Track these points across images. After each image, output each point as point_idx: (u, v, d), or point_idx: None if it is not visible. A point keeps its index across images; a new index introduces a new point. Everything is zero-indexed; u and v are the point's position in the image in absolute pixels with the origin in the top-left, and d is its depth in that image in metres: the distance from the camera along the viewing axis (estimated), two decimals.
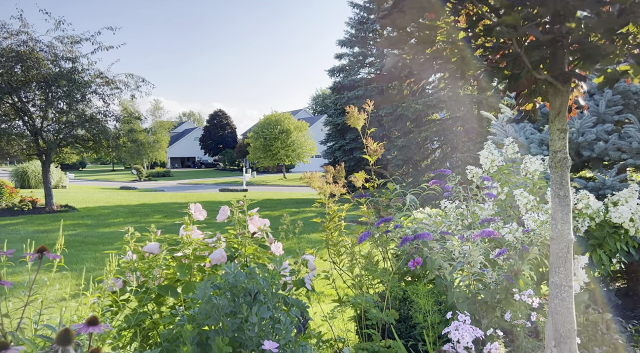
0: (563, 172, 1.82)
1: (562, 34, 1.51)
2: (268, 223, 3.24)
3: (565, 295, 1.83)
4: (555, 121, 1.81)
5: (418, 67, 1.65)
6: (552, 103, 1.80)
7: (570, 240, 1.83)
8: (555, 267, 1.85)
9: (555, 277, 1.86)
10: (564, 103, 1.78)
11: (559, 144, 1.81)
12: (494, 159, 3.92)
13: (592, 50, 1.54)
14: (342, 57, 20.74)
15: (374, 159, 3.61)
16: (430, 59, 1.69)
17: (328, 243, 3.77)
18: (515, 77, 1.68)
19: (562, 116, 1.80)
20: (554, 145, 1.82)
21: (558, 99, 1.79)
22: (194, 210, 3.14)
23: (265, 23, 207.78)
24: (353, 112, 3.73)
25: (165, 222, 12.84)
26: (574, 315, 1.85)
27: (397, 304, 3.21)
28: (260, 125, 38.79)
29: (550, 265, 1.90)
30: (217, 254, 2.89)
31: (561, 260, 1.83)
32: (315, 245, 8.30)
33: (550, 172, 1.85)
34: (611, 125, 4.04)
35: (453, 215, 3.33)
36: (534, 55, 1.61)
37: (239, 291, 2.34)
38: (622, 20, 1.24)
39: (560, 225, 1.83)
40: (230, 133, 66.49)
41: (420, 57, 1.67)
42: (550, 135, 1.84)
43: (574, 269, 3.14)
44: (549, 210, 3.34)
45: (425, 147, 15.30)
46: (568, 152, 1.84)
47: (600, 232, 3.27)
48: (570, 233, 1.83)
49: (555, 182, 1.83)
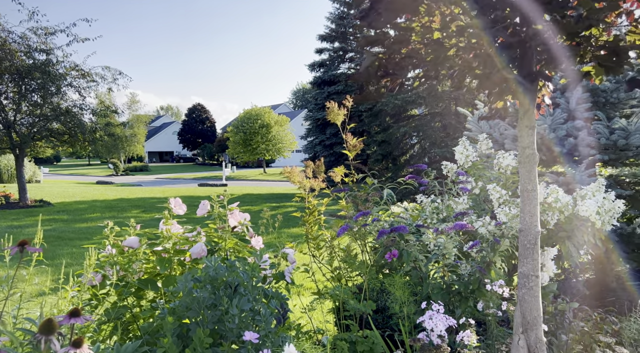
0: (531, 167, 1.90)
1: (529, 36, 1.59)
2: (248, 218, 3.28)
3: (532, 284, 1.92)
4: (524, 118, 1.89)
5: (394, 66, 1.71)
6: (521, 101, 1.89)
7: (538, 232, 1.92)
8: (523, 258, 1.94)
9: (523, 267, 1.95)
10: (532, 101, 1.86)
11: (528, 140, 1.90)
12: (469, 155, 4.03)
13: (557, 52, 1.62)
14: (323, 51, 20.76)
15: (353, 154, 3.67)
16: (405, 58, 1.75)
17: (308, 237, 3.83)
18: (487, 76, 1.75)
19: (530, 114, 1.88)
20: (523, 142, 1.91)
21: (527, 98, 1.87)
22: (174, 204, 3.16)
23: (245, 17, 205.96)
24: (333, 107, 3.78)
25: (143, 216, 12.73)
26: (541, 304, 1.95)
27: (374, 296, 3.29)
28: (240, 119, 38.56)
29: (519, 256, 1.99)
30: (197, 248, 2.92)
31: (529, 251, 1.92)
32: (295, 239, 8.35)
33: (519, 167, 1.94)
34: (581, 122, 4.19)
35: (429, 209, 3.42)
36: (504, 56, 1.68)
37: (219, 284, 2.38)
38: (581, 25, 1.32)
39: (528, 217, 1.92)
40: (209, 127, 65.90)
41: (396, 56, 1.73)
42: (518, 132, 1.93)
43: (544, 260, 3.27)
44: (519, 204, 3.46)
45: (404, 143, 15.46)
46: (536, 148, 1.93)
47: (569, 225, 3.40)
48: (537, 226, 1.92)
49: (523, 176, 1.91)
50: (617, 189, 4.22)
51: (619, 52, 1.60)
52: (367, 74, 1.70)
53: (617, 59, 1.62)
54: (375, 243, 3.60)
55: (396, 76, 1.70)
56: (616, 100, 4.27)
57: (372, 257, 3.71)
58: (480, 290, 2.67)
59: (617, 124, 4.04)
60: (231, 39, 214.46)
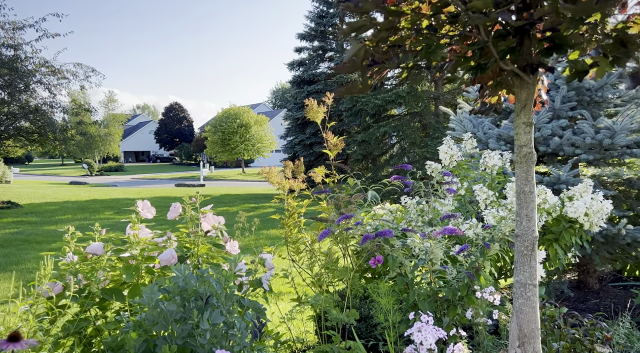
0: (529, 167, 1.76)
1: (533, 21, 1.43)
2: (223, 221, 3.08)
3: (530, 294, 1.78)
4: (520, 114, 1.74)
5: (381, 56, 1.53)
6: (517, 96, 1.74)
7: (535, 238, 1.78)
8: (520, 265, 1.79)
9: (520, 275, 1.80)
10: (530, 96, 1.72)
11: (525, 138, 1.75)
12: (453, 154, 3.90)
13: (561, 40, 1.47)
14: (302, 50, 20.54)
15: (334, 153, 3.50)
16: (394, 47, 1.58)
17: (287, 240, 3.64)
18: (482, 67, 1.59)
19: (527, 109, 1.74)
20: (520, 140, 1.76)
21: (524, 92, 1.72)
22: (142, 207, 2.94)
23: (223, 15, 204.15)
24: (312, 105, 3.60)
25: (116, 218, 12.32)
26: (538, 315, 1.81)
27: (357, 303, 3.12)
28: (218, 118, 38.04)
29: (514, 264, 1.84)
30: (167, 255, 2.71)
31: (526, 258, 1.78)
32: (274, 241, 8.14)
33: (516, 167, 1.79)
34: (566, 121, 4.10)
35: (414, 211, 3.27)
36: (502, 45, 1.53)
37: (189, 295, 2.18)
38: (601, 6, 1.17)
39: (526, 222, 1.77)
40: (187, 127, 64.98)
41: (384, 45, 1.55)
42: (515, 129, 1.78)
43: None
44: (508, 205, 3.34)
45: (384, 142, 15.37)
46: (533, 146, 1.78)
47: (556, 227, 3.30)
48: (535, 231, 1.78)
49: (520, 177, 1.77)
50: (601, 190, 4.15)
51: (628, 42, 1.45)
52: (352, 64, 1.52)
53: (624, 50, 1.48)
54: (358, 246, 3.44)
55: (384, 66, 1.52)
56: (601, 99, 4.20)
57: (355, 261, 3.55)
58: (469, 297, 2.52)
59: (603, 123, 3.96)
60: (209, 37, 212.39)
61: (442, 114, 14.90)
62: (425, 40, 1.52)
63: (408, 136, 14.02)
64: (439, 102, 14.99)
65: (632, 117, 3.86)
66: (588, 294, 4.63)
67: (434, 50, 1.50)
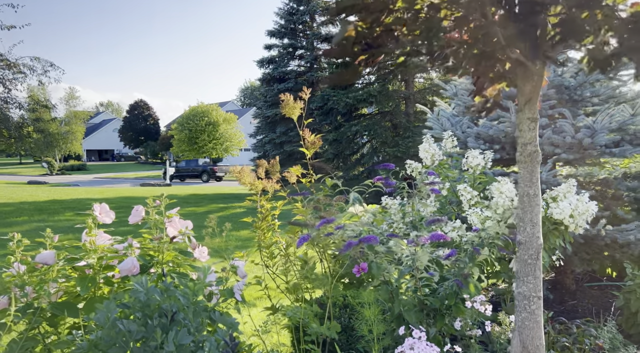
0: (533, 167, 1.59)
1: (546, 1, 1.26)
2: (190, 226, 2.82)
3: (534, 308, 1.62)
4: (524, 109, 1.58)
5: (375, 39, 1.33)
6: (521, 89, 1.57)
7: (540, 245, 1.61)
8: (523, 276, 1.63)
9: (523, 286, 1.63)
10: (536, 88, 1.55)
11: (529, 136, 1.59)
12: (434, 153, 3.76)
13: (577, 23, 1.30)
14: (272, 48, 20.21)
15: (311, 151, 3.29)
16: (388, 31, 1.38)
17: (260, 245, 3.41)
18: (487, 55, 1.41)
19: (532, 104, 1.57)
20: (524, 137, 1.59)
21: (528, 84, 1.56)
22: (99, 211, 2.65)
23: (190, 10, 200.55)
24: (288, 100, 3.38)
25: (78, 220, 11.75)
26: (543, 329, 1.64)
27: (337, 312, 2.93)
28: (185, 116, 37.20)
29: (516, 274, 1.67)
30: (128, 264, 2.44)
31: (530, 267, 1.62)
32: (245, 243, 7.86)
33: (519, 167, 1.62)
34: (545, 120, 4.02)
35: (395, 212, 3.10)
36: (510, 29, 1.35)
37: (152, 311, 1.93)
38: None
39: (530, 227, 1.61)
40: (152, 125, 63.44)
41: (378, 27, 1.35)
42: (518, 125, 1.61)
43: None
44: (492, 205, 3.20)
45: (355, 142, 15.26)
46: (538, 144, 1.61)
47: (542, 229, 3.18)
48: (540, 237, 1.61)
49: (524, 178, 1.60)
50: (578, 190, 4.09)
51: None
52: (342, 49, 1.31)
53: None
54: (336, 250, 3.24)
55: (379, 51, 1.32)
56: (580, 98, 4.15)
57: (333, 266, 3.35)
58: (457, 306, 2.36)
59: (583, 122, 3.90)
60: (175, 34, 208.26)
61: (412, 114, 14.91)
62: (425, 22, 1.33)
63: (379, 135, 13.95)
64: (409, 101, 14.99)
65: (611, 116, 3.81)
66: (565, 295, 4.58)
67: (435, 33, 1.31)
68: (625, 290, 3.67)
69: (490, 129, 4.21)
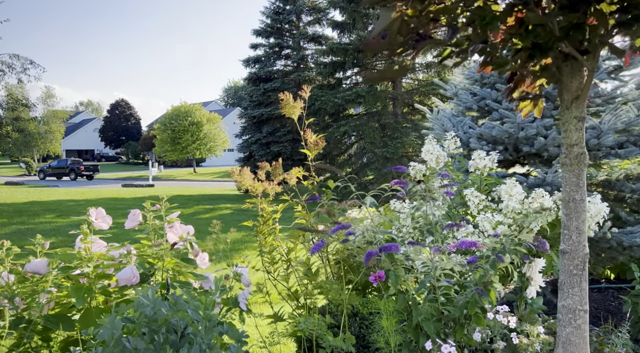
0: (580, 171, 1.48)
1: None
2: (192, 231, 2.66)
3: (580, 322, 1.51)
4: (572, 107, 1.47)
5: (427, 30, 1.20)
6: (566, 85, 1.46)
7: (586, 254, 1.50)
8: (568, 288, 1.51)
9: (568, 299, 1.52)
10: (586, 84, 1.44)
11: (576, 136, 1.48)
12: (439, 155, 3.65)
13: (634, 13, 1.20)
14: (258, 47, 19.98)
15: (314, 153, 3.16)
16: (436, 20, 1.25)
17: (261, 250, 3.26)
18: (541, 47, 1.29)
19: (581, 101, 1.46)
20: (570, 138, 1.48)
21: (576, 80, 1.45)
22: (96, 216, 2.47)
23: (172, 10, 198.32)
24: (288, 99, 3.24)
25: (59, 222, 11.39)
26: (589, 345, 1.53)
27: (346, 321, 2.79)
28: (168, 116, 36.65)
29: (560, 285, 1.56)
30: (127, 273, 2.27)
31: (576, 278, 1.50)
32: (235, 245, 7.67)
33: (564, 170, 1.51)
34: (550, 120, 3.95)
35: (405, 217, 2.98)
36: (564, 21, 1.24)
37: (159, 326, 1.77)
38: None
39: (576, 235, 1.50)
40: (134, 124, 62.48)
41: (426, 15, 1.22)
42: (563, 125, 1.50)
43: (531, 273, 2.93)
44: (503, 209, 3.11)
45: (343, 142, 15.15)
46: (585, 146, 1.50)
47: (552, 232, 3.10)
48: (586, 246, 1.51)
49: (570, 182, 1.49)
50: None
51: None
52: (390, 40, 1.18)
53: None
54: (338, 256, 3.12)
55: (430, 41, 1.19)
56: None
57: (334, 271, 3.22)
58: (477, 315, 2.25)
59: (589, 122, 3.83)
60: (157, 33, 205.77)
61: (400, 114, 14.86)
62: (478, 10, 1.20)
63: (367, 136, 13.85)
64: (397, 102, 14.94)
65: (617, 116, 3.75)
66: None
67: (490, 21, 1.18)
68: (633, 293, 3.62)
69: (493, 130, 4.13)
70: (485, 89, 4.43)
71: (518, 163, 4.85)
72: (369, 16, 14.20)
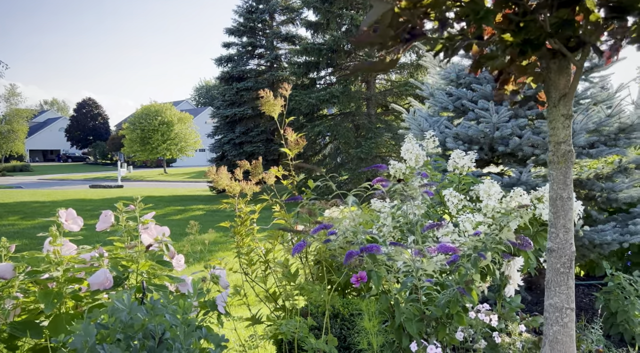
0: (567, 168, 1.48)
1: None
2: (168, 233, 2.57)
3: (567, 320, 1.50)
4: (559, 105, 1.46)
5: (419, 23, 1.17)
6: (554, 83, 1.46)
7: (573, 253, 1.50)
8: (555, 286, 1.51)
9: (555, 297, 1.52)
10: (574, 81, 1.44)
11: (563, 134, 1.47)
12: (419, 154, 3.65)
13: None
14: (231, 46, 19.75)
15: (294, 152, 3.11)
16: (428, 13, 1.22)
17: (239, 251, 3.19)
18: (532, 43, 1.28)
19: (568, 99, 1.46)
20: (557, 135, 1.48)
21: (563, 77, 1.44)
22: (66, 217, 2.36)
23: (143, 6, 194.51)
24: (268, 97, 3.18)
25: (23, 224, 10.97)
26: (575, 343, 1.53)
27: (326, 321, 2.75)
28: (137, 115, 35.85)
29: (547, 284, 1.55)
30: (100, 277, 2.17)
31: (562, 277, 1.50)
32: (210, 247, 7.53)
33: (551, 168, 1.50)
34: (525, 120, 4.01)
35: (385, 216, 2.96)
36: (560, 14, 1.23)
37: (135, 331, 1.69)
38: None
39: (563, 234, 1.49)
40: (102, 124, 60.95)
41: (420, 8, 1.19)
42: (550, 123, 1.50)
43: (510, 272, 2.95)
44: (483, 209, 3.12)
45: (317, 143, 15.13)
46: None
47: (528, 230, 3.13)
48: (573, 244, 1.50)
49: (557, 180, 1.48)
50: None
51: None
52: (381, 34, 1.14)
53: None
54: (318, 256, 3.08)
55: (422, 36, 1.16)
56: None
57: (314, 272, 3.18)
58: (459, 315, 2.24)
59: None
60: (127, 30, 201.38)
61: (374, 115, 14.94)
62: (470, 4, 1.18)
63: (342, 136, 13.86)
64: (371, 102, 15.01)
65: (589, 117, 3.83)
66: (540, 296, 4.60)
67: (484, 16, 1.16)
68: (605, 290, 3.70)
69: (469, 129, 4.16)
70: (461, 89, 4.46)
71: (492, 162, 4.91)
72: (342, 16, 14.22)
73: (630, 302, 3.61)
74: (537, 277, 4.80)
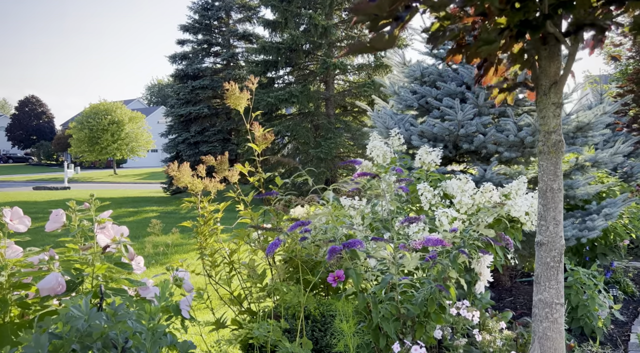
0: (558, 159, 1.44)
1: None
2: (126, 233, 2.38)
3: (557, 316, 1.46)
4: (550, 93, 1.42)
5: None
6: (544, 70, 1.42)
7: (563, 246, 1.46)
8: (545, 281, 1.47)
9: (544, 292, 1.47)
10: (566, 68, 1.40)
11: (554, 123, 1.43)
12: (385, 151, 3.60)
13: None
14: (185, 43, 19.20)
15: (261, 147, 2.98)
16: None
17: (202, 252, 3.03)
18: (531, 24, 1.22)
19: (559, 87, 1.42)
20: (548, 125, 1.44)
21: (554, 64, 1.41)
22: (11, 216, 2.13)
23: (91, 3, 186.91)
24: (234, 90, 3.04)
25: None
26: (564, 339, 1.49)
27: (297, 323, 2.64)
28: (85, 114, 34.29)
29: (536, 278, 1.51)
30: (51, 281, 1.97)
31: (552, 271, 1.46)
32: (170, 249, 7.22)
33: (541, 159, 1.46)
34: (489, 118, 4.05)
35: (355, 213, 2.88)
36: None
37: (94, 341, 1.52)
38: None
39: (553, 226, 1.45)
40: (46, 123, 58.04)
41: None
42: (540, 112, 1.45)
43: (480, 269, 2.94)
44: (456, 205, 3.10)
45: (276, 142, 14.95)
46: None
47: (498, 227, 3.14)
48: (562, 237, 1.46)
49: (547, 171, 1.44)
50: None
51: None
52: (380, 4, 1.05)
53: None
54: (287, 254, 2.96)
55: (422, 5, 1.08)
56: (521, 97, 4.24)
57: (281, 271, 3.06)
58: (437, 313, 2.19)
59: (525, 120, 3.96)
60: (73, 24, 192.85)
61: (333, 115, 14.93)
62: None
63: (301, 136, 13.76)
64: (330, 103, 14.99)
65: None
66: (502, 292, 4.67)
67: None
68: (565, 285, 3.79)
69: (435, 127, 4.16)
70: (426, 87, 4.47)
71: (455, 161, 4.95)
72: (301, 15, 14.12)
73: (589, 296, 3.69)
74: (498, 274, 4.87)
